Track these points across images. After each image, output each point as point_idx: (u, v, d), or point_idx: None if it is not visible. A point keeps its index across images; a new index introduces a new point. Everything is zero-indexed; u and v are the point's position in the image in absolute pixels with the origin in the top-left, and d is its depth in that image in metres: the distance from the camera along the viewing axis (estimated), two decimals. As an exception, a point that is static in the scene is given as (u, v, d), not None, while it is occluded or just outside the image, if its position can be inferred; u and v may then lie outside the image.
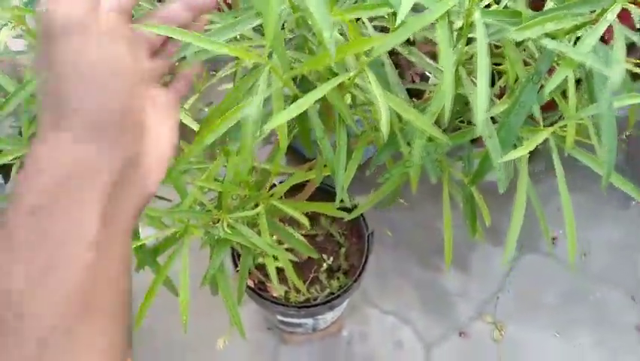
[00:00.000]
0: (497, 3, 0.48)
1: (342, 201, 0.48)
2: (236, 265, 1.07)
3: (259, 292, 1.05)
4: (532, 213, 0.53)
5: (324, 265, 1.12)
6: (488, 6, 0.46)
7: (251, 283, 1.05)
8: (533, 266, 1.42)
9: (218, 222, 0.50)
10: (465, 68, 0.46)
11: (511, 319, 1.35)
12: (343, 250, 1.14)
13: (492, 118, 0.44)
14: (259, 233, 0.55)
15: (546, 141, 0.44)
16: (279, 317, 1.14)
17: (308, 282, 1.11)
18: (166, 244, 0.51)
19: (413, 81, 1.30)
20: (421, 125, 0.39)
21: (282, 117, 0.36)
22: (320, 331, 1.28)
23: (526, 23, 0.35)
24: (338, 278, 1.10)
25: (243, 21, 0.42)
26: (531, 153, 0.44)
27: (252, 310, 1.30)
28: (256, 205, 0.52)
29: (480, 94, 0.34)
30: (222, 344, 1.22)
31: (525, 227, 0.48)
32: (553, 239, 1.43)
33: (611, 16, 0.36)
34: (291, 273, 0.62)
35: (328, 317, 1.19)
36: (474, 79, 0.42)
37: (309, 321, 1.16)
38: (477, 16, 0.36)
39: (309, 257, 1.14)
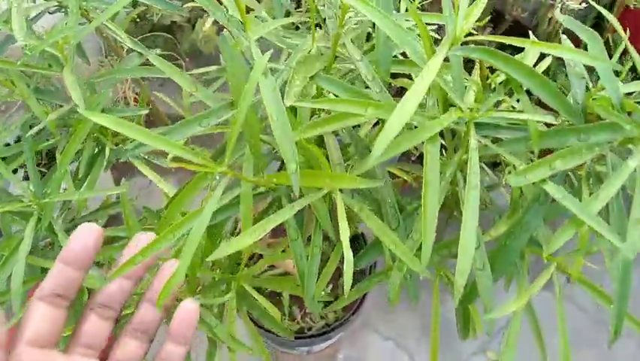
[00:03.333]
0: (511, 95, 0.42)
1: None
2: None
3: (253, 319, 1.02)
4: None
5: (322, 293, 1.08)
6: (498, 103, 0.40)
7: (244, 310, 1.03)
8: (544, 305, 1.36)
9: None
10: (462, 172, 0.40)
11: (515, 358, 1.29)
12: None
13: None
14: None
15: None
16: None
17: (304, 311, 1.07)
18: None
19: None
20: (400, 253, 0.34)
21: (246, 241, 0.32)
22: (315, 353, 1.26)
23: (532, 164, 0.29)
24: (335, 310, 1.06)
25: (215, 112, 0.37)
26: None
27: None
28: (229, 286, 0.48)
29: (464, 243, 0.28)
30: None
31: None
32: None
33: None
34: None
35: (323, 344, 1.16)
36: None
37: (304, 347, 1.14)
38: (472, 143, 0.30)
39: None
